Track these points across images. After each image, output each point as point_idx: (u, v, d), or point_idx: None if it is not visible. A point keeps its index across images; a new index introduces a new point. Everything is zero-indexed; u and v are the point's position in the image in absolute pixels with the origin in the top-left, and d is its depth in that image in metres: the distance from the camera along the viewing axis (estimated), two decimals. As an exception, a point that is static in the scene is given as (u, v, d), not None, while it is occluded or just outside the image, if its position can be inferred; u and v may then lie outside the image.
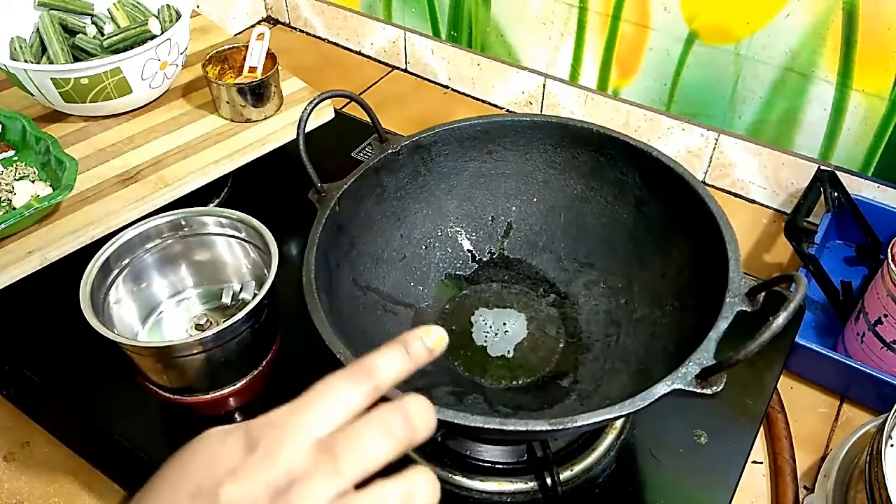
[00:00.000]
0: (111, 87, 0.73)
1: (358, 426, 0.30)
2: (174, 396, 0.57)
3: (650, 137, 0.90)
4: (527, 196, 0.67)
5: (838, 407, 0.68)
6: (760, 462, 0.64)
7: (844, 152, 0.77)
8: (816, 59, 0.73)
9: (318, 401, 0.31)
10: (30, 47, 0.77)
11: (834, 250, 0.80)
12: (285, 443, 0.29)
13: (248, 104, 0.76)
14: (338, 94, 0.59)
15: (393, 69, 1.10)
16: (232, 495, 0.28)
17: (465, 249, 0.68)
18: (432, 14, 0.99)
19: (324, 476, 0.28)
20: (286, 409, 0.31)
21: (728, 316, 0.46)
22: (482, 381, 0.60)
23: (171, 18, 0.80)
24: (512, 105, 1.01)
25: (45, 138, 0.69)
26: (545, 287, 0.66)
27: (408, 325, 0.62)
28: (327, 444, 0.29)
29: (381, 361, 0.32)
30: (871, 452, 0.53)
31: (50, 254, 0.64)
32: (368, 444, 0.30)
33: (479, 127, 0.63)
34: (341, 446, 0.29)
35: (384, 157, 0.61)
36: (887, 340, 0.64)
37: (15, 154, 0.73)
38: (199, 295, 0.64)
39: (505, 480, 0.56)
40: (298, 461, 0.29)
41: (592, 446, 0.58)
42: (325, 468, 0.29)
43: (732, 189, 0.88)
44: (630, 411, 0.42)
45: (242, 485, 0.28)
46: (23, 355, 0.66)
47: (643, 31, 0.82)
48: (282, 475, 0.28)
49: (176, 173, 0.71)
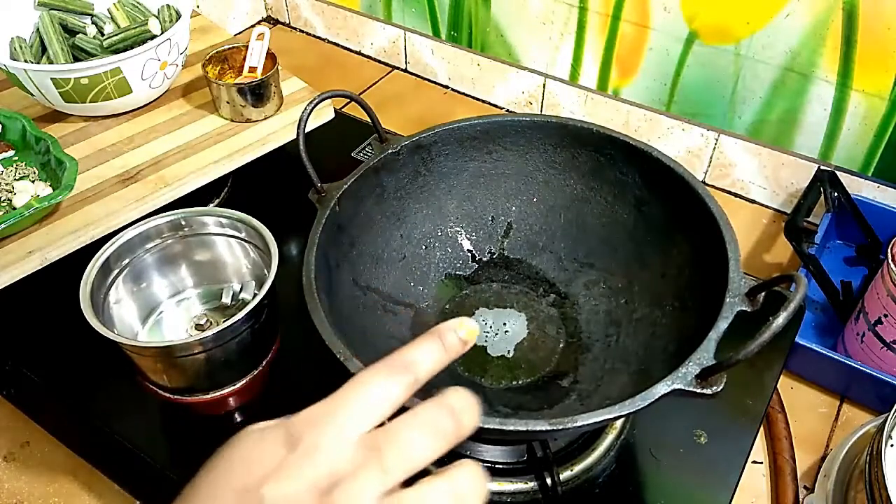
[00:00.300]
0: (111, 87, 0.73)
1: (403, 422, 0.29)
2: (174, 396, 0.57)
3: (650, 137, 0.90)
4: (527, 196, 0.67)
5: (838, 407, 0.68)
6: (760, 462, 0.64)
7: (844, 152, 0.77)
8: (816, 59, 0.73)
9: (357, 396, 0.30)
10: (30, 47, 0.77)
11: (834, 250, 0.80)
12: (327, 440, 0.28)
13: (248, 104, 0.76)
14: (338, 94, 0.59)
15: (393, 69, 1.10)
16: (276, 494, 0.27)
17: (465, 249, 0.68)
18: (432, 14, 0.99)
19: (370, 474, 0.28)
20: (324, 404, 0.30)
21: (728, 316, 0.46)
22: (482, 381, 0.60)
23: (171, 18, 0.80)
24: (512, 105, 1.01)
25: (45, 138, 0.69)
26: (545, 287, 0.66)
27: (408, 325, 0.62)
28: (371, 441, 0.29)
29: (418, 354, 0.31)
30: (871, 452, 0.53)
31: (50, 254, 0.64)
32: (415, 442, 0.29)
33: (479, 127, 0.63)
34: (387, 443, 0.29)
35: (384, 157, 0.61)
36: (887, 340, 0.64)
37: (15, 154, 0.73)
38: (199, 295, 0.64)
39: (505, 480, 0.56)
40: (342, 459, 0.28)
41: (592, 446, 0.58)
42: (371, 466, 0.28)
43: (732, 189, 0.88)
44: (630, 411, 0.42)
45: (286, 483, 0.27)
46: (23, 355, 0.66)
47: (643, 31, 0.82)
48: (325, 474, 0.27)
49: (176, 173, 0.71)
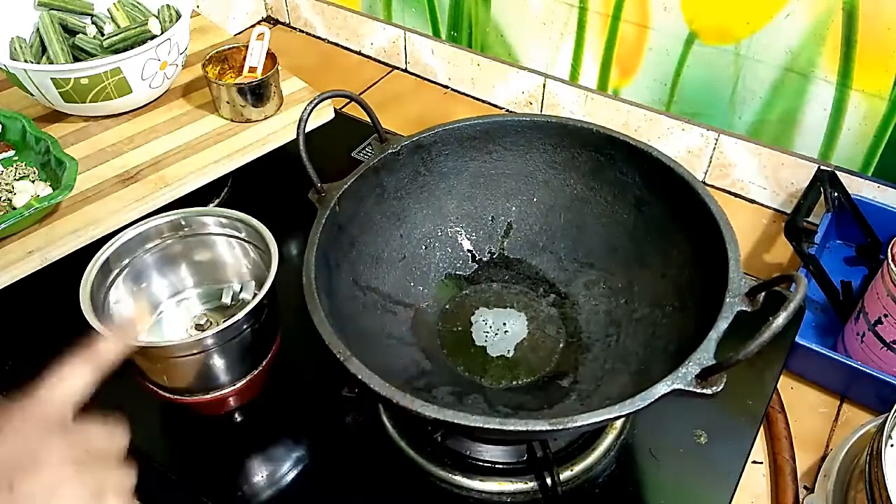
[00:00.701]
0: (111, 87, 0.73)
1: None
2: (174, 396, 0.57)
3: (650, 137, 0.90)
4: (527, 196, 0.67)
5: (838, 407, 0.68)
6: (760, 462, 0.64)
7: (844, 152, 0.77)
8: (816, 59, 0.73)
9: None
10: (30, 47, 0.78)
11: (834, 250, 0.80)
12: None
13: (248, 104, 0.76)
14: (338, 94, 0.59)
15: (393, 69, 1.10)
16: None
17: (465, 249, 0.68)
18: (432, 14, 0.99)
19: None
20: None
21: (728, 316, 0.46)
22: (482, 381, 0.60)
23: (171, 18, 0.80)
24: (512, 105, 1.01)
25: (45, 138, 0.69)
26: (545, 287, 0.66)
27: (408, 325, 0.62)
28: None
29: None
30: (871, 452, 0.53)
31: (50, 254, 0.64)
32: None
33: (479, 127, 0.63)
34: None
35: (384, 157, 0.61)
36: (887, 340, 0.64)
37: (15, 154, 0.73)
38: (199, 295, 0.64)
39: (505, 480, 0.56)
40: None
41: (592, 446, 0.58)
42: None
43: (732, 189, 0.88)
44: (630, 411, 0.42)
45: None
46: (23, 355, 0.66)
47: (643, 31, 0.82)
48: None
49: (176, 173, 0.71)
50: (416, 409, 0.43)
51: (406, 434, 0.59)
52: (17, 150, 0.73)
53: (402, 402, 0.43)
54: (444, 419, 0.42)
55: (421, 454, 0.57)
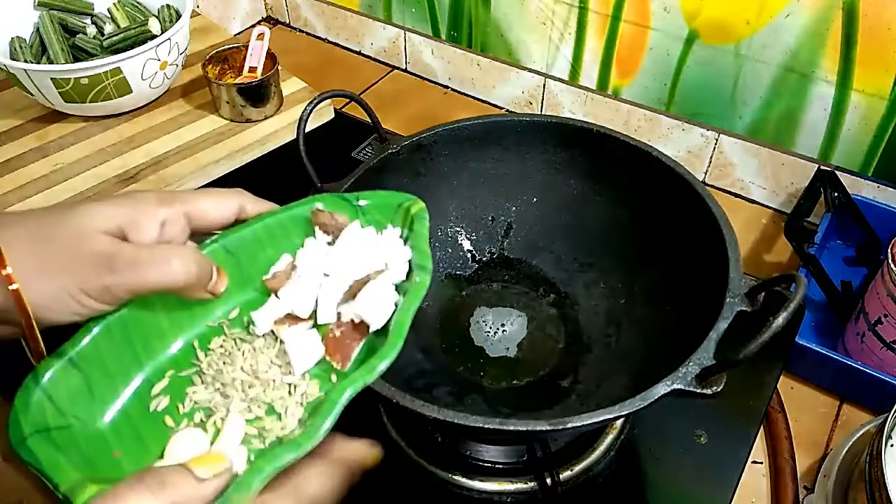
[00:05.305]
0: (111, 87, 0.73)
1: None
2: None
3: (650, 137, 0.90)
4: (527, 196, 0.67)
5: (838, 407, 0.68)
6: (760, 462, 0.64)
7: (844, 152, 0.77)
8: (816, 59, 0.73)
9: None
10: (30, 47, 0.78)
11: (834, 250, 0.80)
12: None
13: (248, 104, 0.76)
14: (338, 94, 0.59)
15: (393, 69, 1.10)
16: None
17: (465, 249, 0.68)
18: (432, 14, 0.99)
19: None
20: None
21: (728, 316, 0.46)
22: (482, 381, 0.60)
23: (171, 18, 0.80)
24: (512, 105, 1.01)
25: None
26: (545, 287, 0.66)
27: (408, 325, 0.62)
28: None
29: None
30: (871, 452, 0.53)
31: (50, 254, 0.63)
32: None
33: (479, 127, 0.63)
34: None
35: (384, 157, 0.61)
36: (887, 340, 0.64)
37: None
38: (199, 295, 0.64)
39: (505, 480, 0.56)
40: None
41: (592, 446, 0.58)
42: None
43: (732, 189, 0.88)
44: (630, 411, 0.42)
45: None
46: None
47: (643, 31, 0.82)
48: None
49: (176, 173, 0.71)
50: (416, 409, 0.43)
51: (406, 434, 0.59)
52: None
53: (402, 402, 0.43)
54: (444, 419, 0.42)
55: (421, 454, 0.57)
